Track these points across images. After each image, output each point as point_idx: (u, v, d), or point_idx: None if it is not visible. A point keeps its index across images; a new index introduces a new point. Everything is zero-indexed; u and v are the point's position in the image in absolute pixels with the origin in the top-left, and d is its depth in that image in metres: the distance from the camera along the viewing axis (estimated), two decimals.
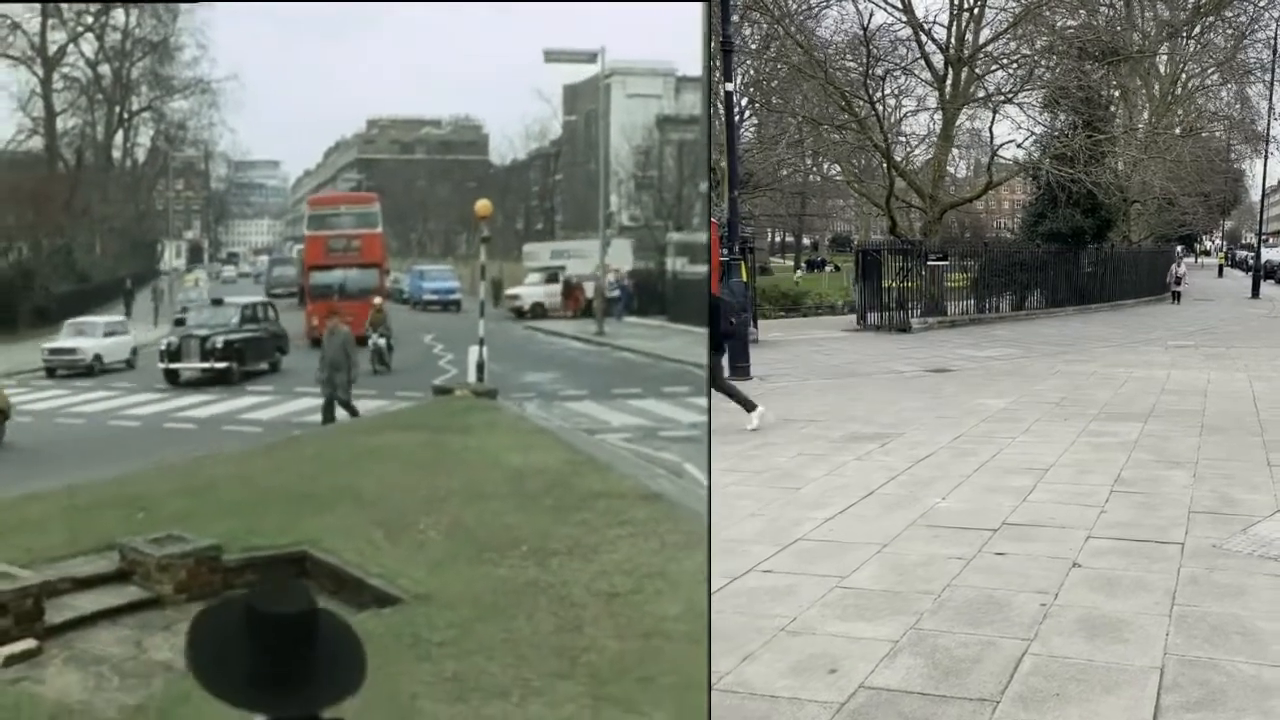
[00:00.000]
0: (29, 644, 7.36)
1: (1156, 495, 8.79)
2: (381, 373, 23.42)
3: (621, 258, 46.17)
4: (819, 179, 45.31)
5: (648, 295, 40.39)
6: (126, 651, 7.33)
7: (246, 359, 24.01)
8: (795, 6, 28.65)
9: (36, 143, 50.48)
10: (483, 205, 24.87)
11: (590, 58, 33.62)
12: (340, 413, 17.75)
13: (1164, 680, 5.03)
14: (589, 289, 40.52)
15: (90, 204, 49.38)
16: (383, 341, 24.85)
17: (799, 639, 5.60)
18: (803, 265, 68.51)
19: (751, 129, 36.55)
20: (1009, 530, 7.59)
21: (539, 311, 40.67)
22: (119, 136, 55.94)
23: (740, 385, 15.04)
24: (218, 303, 27.01)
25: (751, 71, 33.95)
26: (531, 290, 42.00)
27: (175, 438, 16.80)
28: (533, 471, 11.61)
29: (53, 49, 50.14)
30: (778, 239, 79.52)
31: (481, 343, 22.69)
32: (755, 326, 22.83)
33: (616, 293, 42.31)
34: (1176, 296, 39.58)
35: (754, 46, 30.83)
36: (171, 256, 50.05)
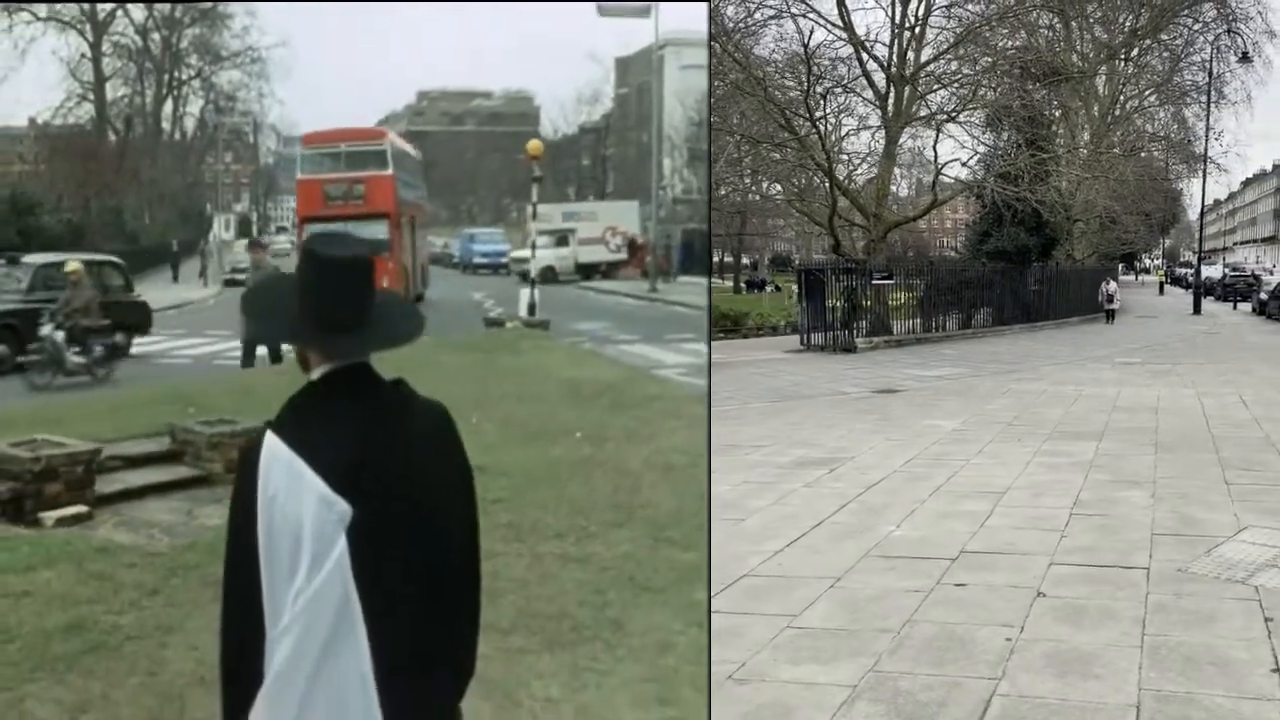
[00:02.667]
0: (79, 509, 7.56)
1: (1116, 517, 8.51)
2: (44, 386, 15.47)
3: (628, 219, 46.29)
4: (758, 198, 45.21)
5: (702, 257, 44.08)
6: (177, 519, 7.51)
7: (31, 338, 16.86)
8: (733, 24, 28.38)
9: (86, 110, 50.54)
10: (534, 145, 24.83)
11: (644, 12, 33.28)
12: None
13: (1141, 718, 4.70)
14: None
15: (139, 169, 49.43)
16: (60, 335, 16.06)
17: (747, 687, 5.14)
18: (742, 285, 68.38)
19: None
20: (968, 559, 7.23)
21: (549, 276, 40.15)
22: (168, 106, 56.44)
23: None
24: (12, 261, 19.30)
25: None
26: (541, 254, 41.48)
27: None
28: (587, 381, 11.47)
29: (101, 15, 50.09)
30: (716, 259, 79.43)
31: (534, 283, 22.35)
32: None
33: (622, 254, 43.05)
34: (1110, 315, 38.57)
35: None
36: (221, 229, 49.56)
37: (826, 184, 30.38)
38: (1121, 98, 45.81)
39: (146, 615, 5.17)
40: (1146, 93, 45.84)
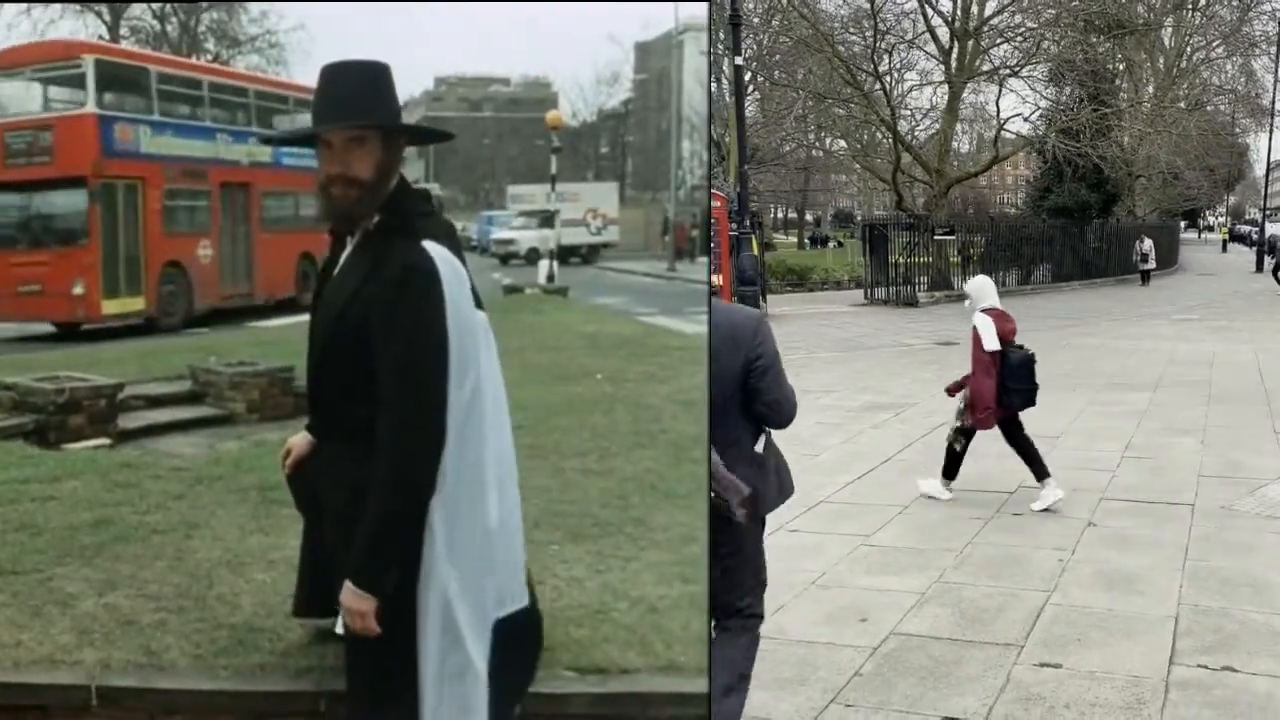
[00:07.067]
0: (102, 440, 7.62)
1: (1166, 460, 9.02)
2: None
3: (607, 201, 46.44)
4: (823, 154, 45.25)
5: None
6: (199, 452, 7.42)
7: None
8: None
9: None
10: (553, 116, 25.07)
11: None
12: None
13: (1179, 627, 5.26)
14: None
15: None
16: None
17: (830, 591, 5.84)
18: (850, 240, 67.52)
19: (755, 104, 36.61)
20: (1025, 493, 7.81)
21: (533, 257, 40.22)
22: None
23: None
24: None
25: (755, 46, 33.99)
26: (526, 235, 41.51)
27: None
28: (607, 334, 11.78)
29: None
30: (780, 215, 79.48)
31: (553, 255, 22.67)
32: (765, 301, 23.01)
33: (602, 237, 43.30)
34: (1145, 277, 35.83)
35: (757, 20, 30.81)
36: None
37: (890, 140, 30.61)
38: (1188, 49, 45.21)
39: (172, 514, 5.22)
40: (1214, 44, 45.14)
